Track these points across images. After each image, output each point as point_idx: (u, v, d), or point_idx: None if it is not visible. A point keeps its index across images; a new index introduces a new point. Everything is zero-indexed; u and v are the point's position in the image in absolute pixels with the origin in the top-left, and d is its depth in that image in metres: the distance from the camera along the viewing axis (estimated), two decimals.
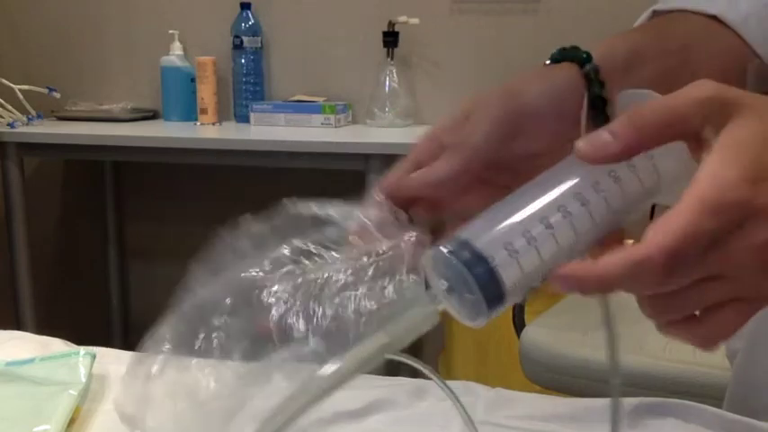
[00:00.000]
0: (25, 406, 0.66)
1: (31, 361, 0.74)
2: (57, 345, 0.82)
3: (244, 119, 2.27)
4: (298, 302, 0.43)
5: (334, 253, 0.44)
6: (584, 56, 0.53)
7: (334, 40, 2.30)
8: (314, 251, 0.44)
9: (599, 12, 2.09)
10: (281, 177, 2.39)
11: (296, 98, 2.26)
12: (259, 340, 0.42)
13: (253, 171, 2.36)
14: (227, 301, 0.43)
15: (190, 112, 2.30)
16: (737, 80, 0.55)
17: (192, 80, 2.30)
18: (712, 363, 1.34)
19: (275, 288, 0.43)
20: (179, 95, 2.32)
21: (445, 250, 0.40)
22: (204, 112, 2.27)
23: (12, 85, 2.22)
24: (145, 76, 2.42)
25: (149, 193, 2.55)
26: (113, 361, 0.79)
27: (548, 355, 1.47)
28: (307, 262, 0.43)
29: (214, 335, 0.42)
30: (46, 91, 2.25)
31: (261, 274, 0.43)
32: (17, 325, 2.12)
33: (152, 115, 2.40)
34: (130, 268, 2.62)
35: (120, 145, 2.10)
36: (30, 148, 2.15)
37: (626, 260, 0.38)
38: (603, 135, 0.41)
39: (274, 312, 0.42)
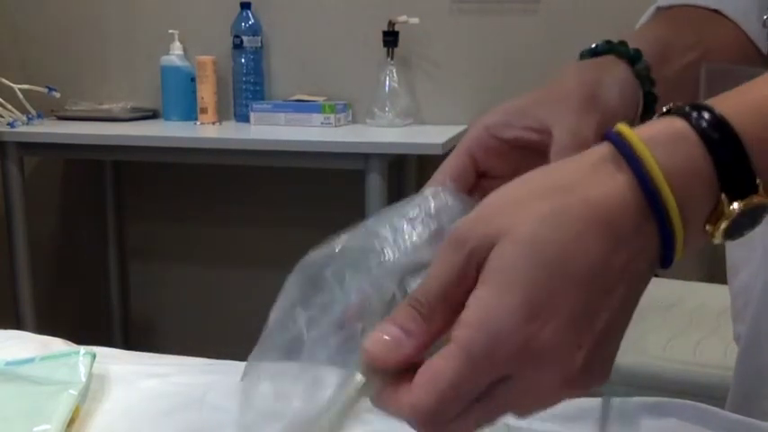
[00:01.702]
0: (25, 406, 0.66)
1: (31, 361, 0.74)
2: (57, 344, 0.82)
3: (244, 118, 2.27)
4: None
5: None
6: (634, 52, 0.53)
7: (334, 40, 2.30)
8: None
9: (599, 12, 2.09)
10: (281, 177, 2.39)
11: (296, 98, 2.26)
12: None
13: (253, 171, 2.36)
14: None
15: (190, 112, 2.30)
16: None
17: (192, 80, 2.30)
18: (712, 363, 1.34)
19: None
20: (179, 95, 2.32)
21: None
22: (204, 111, 2.27)
23: (12, 84, 2.22)
24: (145, 75, 2.42)
25: (149, 192, 2.55)
26: (113, 361, 0.79)
27: None
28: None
29: None
30: (46, 91, 2.25)
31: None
32: (17, 325, 2.12)
33: (152, 115, 2.40)
34: (130, 268, 2.62)
35: (120, 145, 2.10)
36: (30, 147, 2.15)
37: (397, 409, 0.38)
38: (392, 329, 0.38)
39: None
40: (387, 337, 0.38)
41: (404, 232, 0.44)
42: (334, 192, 2.32)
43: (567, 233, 0.36)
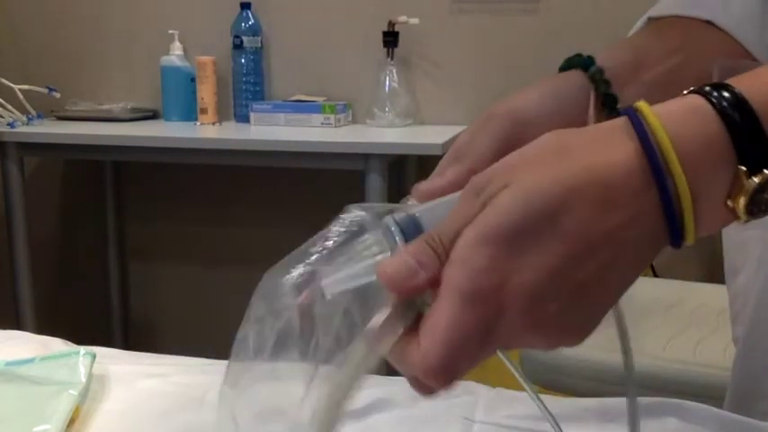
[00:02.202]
0: (25, 406, 0.66)
1: (31, 361, 0.74)
2: (57, 345, 0.82)
3: (244, 119, 2.27)
4: None
5: None
6: (587, 59, 0.56)
7: (335, 40, 2.30)
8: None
9: (599, 12, 2.10)
10: (281, 177, 2.39)
11: (296, 98, 2.26)
12: None
13: (253, 171, 2.36)
14: None
15: (190, 112, 2.30)
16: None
17: (192, 80, 2.30)
18: (712, 363, 1.34)
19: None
20: (179, 95, 2.32)
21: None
22: (204, 111, 2.27)
23: (12, 85, 2.22)
24: (145, 76, 2.42)
25: (149, 193, 2.55)
26: (113, 361, 0.79)
27: (548, 356, 1.47)
28: None
29: None
30: (46, 91, 2.25)
31: None
32: (17, 325, 2.12)
33: (152, 115, 2.40)
34: (130, 268, 2.62)
35: (120, 145, 2.10)
36: (30, 148, 2.16)
37: (408, 374, 0.40)
38: (408, 259, 0.40)
39: None
40: (402, 265, 0.39)
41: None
42: (334, 192, 2.32)
43: (560, 188, 0.38)
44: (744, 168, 0.38)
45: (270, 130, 2.16)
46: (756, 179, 0.38)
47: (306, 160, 2.02)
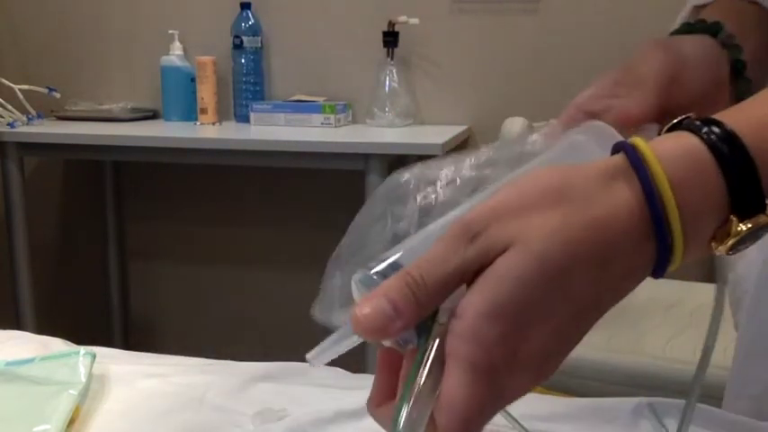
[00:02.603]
0: (25, 406, 0.66)
1: (31, 361, 0.74)
2: (57, 345, 0.82)
3: (244, 119, 2.27)
4: None
5: None
6: (713, 25, 0.56)
7: (334, 40, 2.30)
8: None
9: (599, 12, 2.09)
10: (281, 177, 2.39)
11: (296, 98, 2.26)
12: None
13: (253, 171, 2.36)
14: None
15: (190, 112, 2.30)
16: None
17: (192, 80, 2.30)
18: (712, 363, 1.34)
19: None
20: (179, 95, 2.32)
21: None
22: (204, 111, 2.27)
23: (12, 85, 2.22)
24: (145, 76, 2.42)
25: (149, 193, 2.55)
26: (113, 361, 0.79)
27: None
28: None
29: None
30: (46, 91, 2.25)
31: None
32: (17, 325, 2.12)
33: (152, 115, 2.40)
34: (130, 268, 2.62)
35: (120, 145, 2.10)
36: (30, 148, 2.16)
37: None
38: (384, 306, 0.38)
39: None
40: (376, 311, 0.38)
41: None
42: (334, 192, 2.32)
43: (571, 252, 0.37)
44: (735, 218, 0.39)
45: (270, 130, 2.16)
46: (746, 226, 0.39)
47: (306, 160, 2.02)
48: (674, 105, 0.53)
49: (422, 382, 0.38)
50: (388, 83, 2.18)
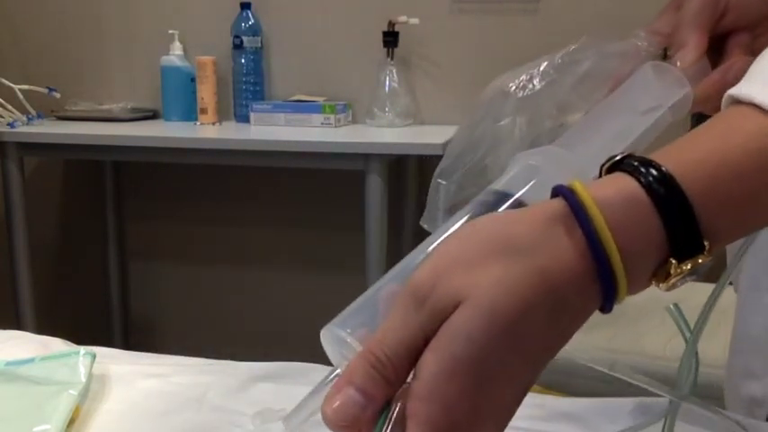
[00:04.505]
0: (25, 406, 0.66)
1: (31, 361, 0.74)
2: (57, 345, 0.82)
3: (244, 119, 2.27)
4: None
5: None
6: None
7: (335, 40, 2.30)
8: None
9: (599, 12, 2.09)
10: (281, 177, 2.39)
11: (296, 98, 2.26)
12: None
13: (253, 171, 2.36)
14: None
15: (190, 112, 2.30)
16: None
17: (192, 80, 2.30)
18: (712, 363, 1.34)
19: None
20: (179, 95, 2.32)
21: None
22: (204, 111, 2.27)
23: (12, 85, 2.22)
24: (145, 76, 2.42)
25: (149, 193, 2.55)
26: (113, 361, 0.79)
27: None
28: None
29: None
30: (46, 91, 2.25)
31: None
32: (17, 325, 2.12)
33: (152, 115, 2.40)
34: (130, 268, 2.62)
35: (120, 145, 2.10)
36: (30, 148, 2.16)
37: None
38: (353, 396, 0.38)
39: None
40: (347, 404, 0.38)
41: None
42: (334, 192, 2.32)
43: (519, 303, 0.37)
44: (674, 261, 0.39)
45: (270, 130, 2.16)
46: (685, 266, 0.39)
47: (306, 160, 2.02)
48: (729, 30, 0.56)
49: None
50: (388, 83, 2.18)
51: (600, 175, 0.42)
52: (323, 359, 0.44)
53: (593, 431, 0.66)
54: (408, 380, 0.38)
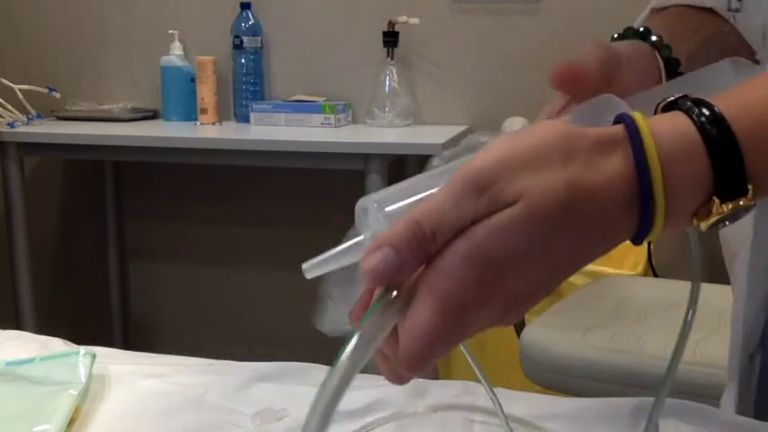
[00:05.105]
0: (25, 406, 0.66)
1: (31, 361, 0.74)
2: (57, 345, 0.82)
3: (244, 119, 2.27)
4: None
5: None
6: (642, 31, 0.59)
7: (334, 40, 2.30)
8: None
9: (599, 12, 2.09)
10: (281, 177, 2.39)
11: (296, 98, 2.26)
12: None
13: (253, 171, 2.36)
14: None
15: (190, 112, 2.30)
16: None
17: (192, 80, 2.30)
18: (712, 363, 1.34)
19: None
20: (179, 95, 2.32)
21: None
22: (204, 111, 2.27)
23: (12, 85, 2.22)
24: (145, 76, 2.42)
25: (149, 193, 2.55)
26: (113, 361, 0.79)
27: (548, 355, 1.47)
28: None
29: None
30: (46, 91, 2.25)
31: None
32: (17, 325, 2.12)
33: (152, 115, 2.40)
34: (130, 268, 2.62)
35: (120, 145, 2.10)
36: (30, 148, 2.16)
37: (381, 359, 0.42)
38: (392, 259, 0.39)
39: None
40: (383, 262, 0.39)
41: None
42: (334, 192, 2.32)
43: (565, 217, 0.39)
44: (717, 199, 0.41)
45: (270, 130, 2.16)
46: (727, 207, 0.41)
47: (306, 160, 2.02)
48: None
49: (392, 297, 0.40)
50: (388, 83, 2.18)
51: (654, 113, 0.43)
52: (323, 359, 0.44)
53: (593, 431, 0.66)
54: None
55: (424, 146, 1.98)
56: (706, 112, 0.41)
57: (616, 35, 0.61)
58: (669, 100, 0.43)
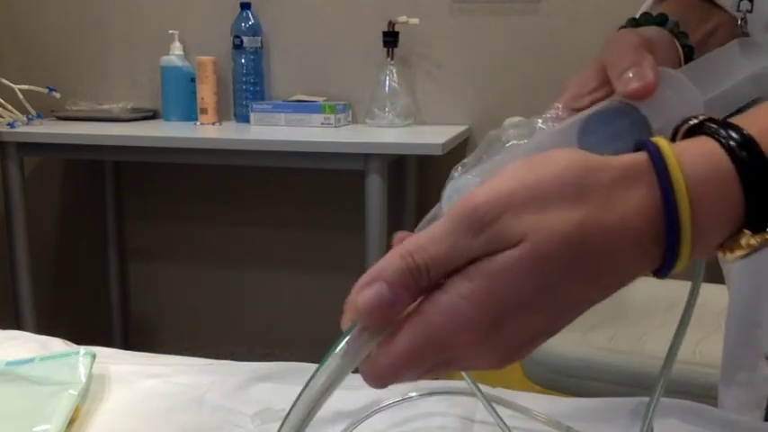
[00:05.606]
0: (25, 406, 0.66)
1: (31, 361, 0.74)
2: (57, 345, 0.82)
3: (244, 119, 2.27)
4: None
5: None
6: (659, 16, 0.59)
7: (334, 40, 2.30)
8: None
9: (598, 12, 2.09)
10: (281, 177, 2.39)
11: (296, 98, 2.26)
12: None
13: (253, 171, 2.36)
14: None
15: (190, 112, 2.30)
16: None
17: (192, 80, 2.30)
18: (712, 363, 1.34)
19: None
20: (179, 95, 2.32)
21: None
22: (204, 111, 2.27)
23: (12, 85, 2.22)
24: (145, 76, 2.42)
25: (149, 193, 2.55)
26: (113, 361, 0.79)
27: (548, 355, 1.47)
28: None
29: None
30: (46, 91, 2.25)
31: None
32: (17, 325, 2.12)
33: (152, 115, 2.40)
34: (130, 268, 2.62)
35: (120, 145, 2.10)
36: (30, 148, 2.15)
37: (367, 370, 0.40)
38: (384, 294, 0.37)
39: None
40: (377, 298, 0.37)
41: None
42: (334, 192, 2.32)
43: (576, 261, 0.36)
44: (748, 232, 0.38)
45: (270, 130, 2.16)
46: (756, 241, 0.38)
47: (306, 160, 2.02)
48: None
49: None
50: (388, 83, 2.18)
51: (673, 136, 0.41)
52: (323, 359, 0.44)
53: (593, 431, 0.66)
54: None
55: (424, 146, 1.98)
56: (734, 135, 0.37)
57: (632, 19, 0.60)
58: (692, 123, 0.40)
